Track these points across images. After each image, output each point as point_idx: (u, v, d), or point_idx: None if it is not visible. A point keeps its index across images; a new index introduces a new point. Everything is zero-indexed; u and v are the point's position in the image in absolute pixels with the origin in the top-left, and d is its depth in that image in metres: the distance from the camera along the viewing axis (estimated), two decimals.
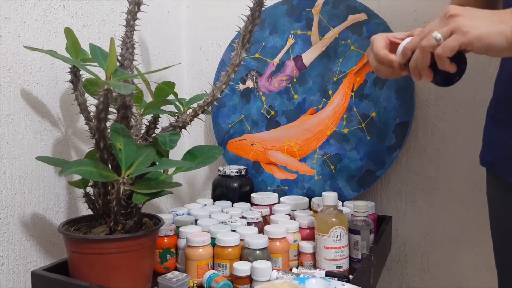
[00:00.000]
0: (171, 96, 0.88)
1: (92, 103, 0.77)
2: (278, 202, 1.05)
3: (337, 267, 0.83)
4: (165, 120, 1.01)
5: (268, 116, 1.20)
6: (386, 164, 1.06)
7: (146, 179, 0.75)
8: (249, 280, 0.76)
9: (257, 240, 0.79)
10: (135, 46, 0.83)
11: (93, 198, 0.79)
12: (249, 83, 1.22)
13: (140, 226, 0.79)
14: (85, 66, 0.71)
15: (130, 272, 0.72)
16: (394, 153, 1.05)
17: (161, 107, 0.86)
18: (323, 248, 0.84)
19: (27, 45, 0.85)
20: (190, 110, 0.85)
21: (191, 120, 0.84)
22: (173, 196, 1.32)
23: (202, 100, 0.85)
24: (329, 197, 0.85)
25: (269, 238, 0.82)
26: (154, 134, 0.85)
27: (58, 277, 0.72)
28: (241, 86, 1.23)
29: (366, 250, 0.87)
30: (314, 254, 0.87)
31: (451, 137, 1.07)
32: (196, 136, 1.36)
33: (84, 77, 0.84)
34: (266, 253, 0.80)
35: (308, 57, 1.15)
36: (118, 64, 0.77)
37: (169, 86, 0.86)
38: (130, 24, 0.80)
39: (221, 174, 1.12)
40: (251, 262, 0.77)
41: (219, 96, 0.84)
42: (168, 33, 1.29)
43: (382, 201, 1.15)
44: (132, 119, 0.79)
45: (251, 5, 0.83)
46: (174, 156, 0.87)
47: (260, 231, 0.89)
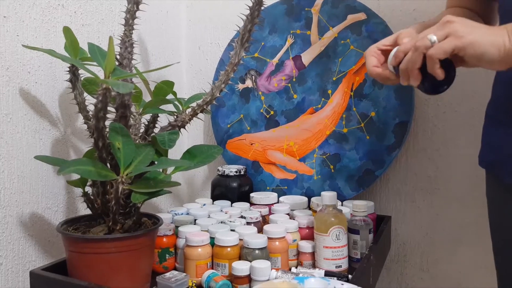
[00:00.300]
0: (170, 95, 0.88)
1: (91, 102, 0.77)
2: (277, 202, 1.05)
3: (336, 267, 0.83)
4: (164, 120, 1.00)
5: (267, 116, 1.20)
6: (386, 164, 1.06)
7: (145, 178, 0.74)
8: (248, 279, 0.75)
9: (256, 240, 0.79)
10: (134, 45, 0.82)
11: (91, 197, 0.79)
12: (248, 83, 1.22)
13: (139, 226, 0.79)
14: (84, 65, 0.71)
15: (128, 272, 0.72)
16: (394, 153, 1.05)
17: (160, 107, 0.86)
18: (322, 248, 0.84)
19: (26, 44, 0.85)
20: (189, 110, 0.85)
21: (190, 119, 0.84)
22: (172, 196, 1.32)
23: (201, 100, 0.85)
24: (328, 197, 0.85)
25: (268, 238, 0.82)
26: (153, 133, 0.85)
27: (57, 276, 0.71)
28: (240, 86, 1.23)
29: (365, 250, 0.87)
30: (313, 254, 0.87)
31: (451, 137, 1.07)
32: (195, 136, 1.36)
33: (83, 76, 0.84)
34: (265, 253, 0.80)
35: (307, 56, 1.14)
36: (117, 63, 0.77)
37: (168, 86, 0.86)
38: (129, 23, 0.80)
39: (220, 173, 1.12)
40: (250, 261, 0.76)
41: (218, 95, 0.83)
42: (167, 33, 1.29)
43: (381, 201, 1.14)
44: (131, 118, 0.79)
45: (250, 5, 0.83)
46: (173, 156, 0.87)
47: (259, 231, 0.89)
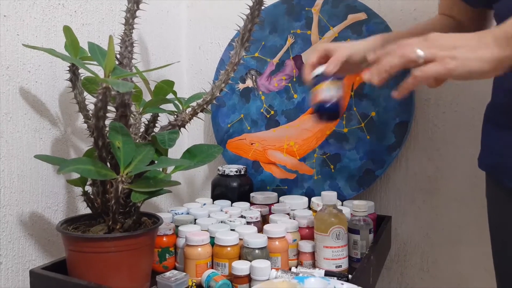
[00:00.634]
0: (170, 95, 0.88)
1: (91, 101, 0.76)
2: (278, 202, 1.05)
3: (336, 267, 0.83)
4: (164, 119, 1.00)
5: (268, 116, 1.20)
6: (386, 164, 1.06)
7: (145, 177, 0.74)
8: (248, 279, 0.75)
9: (256, 240, 0.79)
10: (134, 44, 0.82)
11: (91, 196, 0.79)
12: (249, 83, 1.22)
13: (139, 225, 0.79)
14: (84, 64, 0.71)
15: (128, 271, 0.72)
16: (394, 153, 1.05)
17: (160, 106, 0.86)
18: (323, 248, 0.83)
19: (26, 43, 0.85)
20: (189, 109, 0.85)
21: (190, 119, 0.84)
22: (172, 195, 1.32)
23: (201, 99, 0.85)
24: (329, 197, 0.85)
25: (268, 238, 0.81)
26: (153, 133, 0.85)
27: (57, 275, 0.71)
28: (241, 86, 1.23)
29: (366, 250, 0.87)
30: (313, 254, 0.87)
31: (451, 137, 1.07)
32: (195, 136, 1.36)
33: (83, 75, 0.84)
34: (265, 253, 0.80)
35: None
36: (117, 62, 0.77)
37: (168, 85, 0.86)
38: (129, 23, 0.80)
39: (220, 173, 1.12)
40: (250, 261, 0.76)
41: (218, 95, 0.83)
42: (167, 32, 1.28)
43: (381, 201, 1.14)
44: (131, 117, 0.79)
45: (250, 4, 0.83)
46: (173, 156, 0.86)
47: (259, 231, 0.88)
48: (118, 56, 0.80)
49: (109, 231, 0.75)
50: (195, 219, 0.93)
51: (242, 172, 1.11)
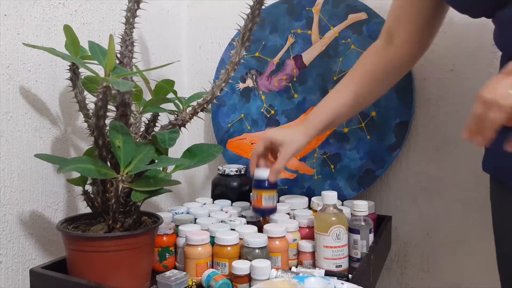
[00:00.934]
0: (171, 94, 0.88)
1: (91, 100, 0.76)
2: (278, 201, 1.05)
3: (336, 266, 0.83)
4: (165, 119, 1.00)
5: (268, 115, 1.20)
6: (386, 164, 1.06)
7: (145, 177, 0.74)
8: (248, 278, 0.75)
9: (256, 239, 0.79)
10: (134, 44, 0.82)
11: (92, 196, 0.79)
12: (249, 82, 1.22)
13: (139, 225, 0.79)
14: (85, 63, 0.71)
15: (128, 270, 0.72)
16: (394, 153, 1.05)
17: (161, 106, 0.86)
18: (323, 247, 0.83)
19: (26, 42, 0.85)
20: (189, 109, 0.85)
21: (190, 118, 0.84)
22: (172, 195, 1.32)
23: (202, 98, 0.84)
24: (329, 196, 0.85)
25: (268, 237, 0.81)
26: (153, 132, 0.85)
27: (57, 275, 0.71)
28: (241, 85, 1.23)
29: (366, 250, 0.87)
30: (313, 253, 0.86)
31: (451, 137, 1.07)
32: (195, 135, 1.36)
33: (83, 74, 0.84)
34: (265, 252, 0.80)
35: (308, 56, 1.14)
36: (117, 61, 0.77)
37: (168, 84, 0.86)
38: (130, 22, 0.80)
39: (220, 173, 1.12)
40: (250, 261, 0.76)
41: (218, 94, 0.83)
42: (168, 32, 1.28)
43: (382, 201, 1.14)
44: (131, 117, 0.79)
45: (251, 4, 0.83)
46: (173, 155, 0.86)
47: (260, 230, 0.88)
48: (118, 55, 0.80)
49: (109, 230, 0.74)
50: (195, 219, 0.93)
51: (243, 172, 1.11)
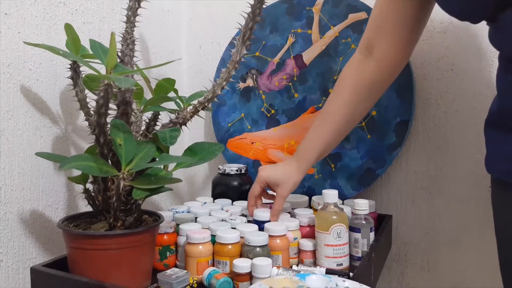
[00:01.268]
0: (172, 93, 0.88)
1: (92, 99, 0.76)
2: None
3: (337, 265, 0.83)
4: (165, 119, 1.00)
5: (268, 115, 1.20)
6: (387, 163, 1.06)
7: (146, 175, 0.74)
8: (249, 277, 0.75)
9: (257, 237, 0.79)
10: (135, 42, 0.82)
11: (92, 194, 0.79)
12: (249, 82, 1.22)
13: (140, 223, 0.78)
14: (86, 61, 0.71)
15: (129, 268, 0.72)
16: (394, 152, 1.05)
17: (161, 105, 0.86)
18: (324, 246, 0.83)
19: (27, 41, 0.85)
20: (190, 107, 0.85)
21: (191, 116, 0.84)
22: (173, 194, 1.32)
23: (203, 97, 0.84)
24: (330, 195, 0.85)
25: (269, 236, 0.81)
26: (154, 131, 0.85)
27: (58, 273, 0.71)
28: (241, 85, 1.23)
29: (367, 248, 0.87)
30: (314, 252, 0.86)
31: (451, 136, 1.07)
32: (196, 135, 1.36)
33: (84, 73, 0.84)
34: (266, 251, 0.79)
35: (309, 55, 1.15)
36: (118, 60, 0.77)
37: (169, 83, 0.86)
38: (131, 20, 0.80)
39: (221, 172, 1.12)
40: (251, 259, 0.76)
41: (219, 92, 0.83)
42: (168, 32, 1.29)
43: (382, 200, 1.14)
44: (132, 115, 0.79)
45: (252, 2, 0.83)
46: (173, 155, 0.86)
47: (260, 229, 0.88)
48: (119, 53, 0.80)
49: (110, 228, 0.74)
50: (196, 218, 0.93)
51: (243, 171, 1.11)
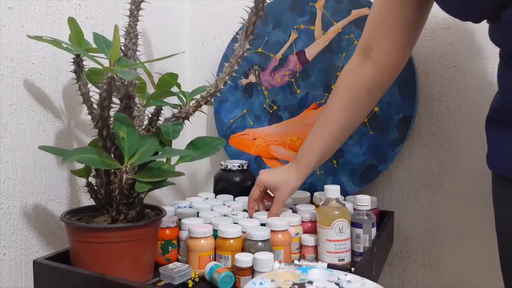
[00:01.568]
0: (174, 88, 0.88)
1: (95, 92, 0.77)
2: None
3: (339, 260, 0.83)
4: (168, 114, 1.00)
5: (271, 111, 1.20)
6: (389, 159, 1.06)
7: (148, 168, 0.74)
8: (251, 271, 0.75)
9: (259, 232, 0.79)
10: (138, 36, 0.82)
11: (95, 188, 0.79)
12: (252, 78, 1.22)
13: (142, 217, 0.79)
14: (89, 54, 0.71)
15: (131, 262, 0.72)
16: (397, 148, 1.05)
17: (164, 100, 0.86)
18: (325, 241, 0.83)
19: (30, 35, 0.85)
20: (193, 102, 0.85)
21: (194, 111, 0.84)
22: (175, 191, 1.32)
23: (205, 92, 0.84)
24: (332, 190, 0.85)
25: (271, 231, 0.81)
26: (156, 125, 0.85)
27: (60, 265, 0.71)
28: (244, 81, 1.23)
29: (368, 244, 0.87)
30: (316, 247, 0.86)
31: (454, 133, 1.07)
32: (198, 131, 1.36)
33: (87, 67, 0.84)
34: (268, 245, 0.79)
35: (311, 51, 1.14)
36: (121, 54, 0.77)
37: (172, 77, 0.86)
38: (134, 15, 0.80)
39: (223, 168, 1.12)
40: (253, 253, 0.76)
41: (222, 87, 0.83)
42: (170, 28, 1.29)
43: (384, 196, 1.14)
44: (135, 110, 0.79)
45: None
46: None
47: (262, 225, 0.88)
48: (122, 47, 0.80)
49: (113, 222, 0.75)
50: (198, 213, 0.93)
51: (245, 167, 1.11)
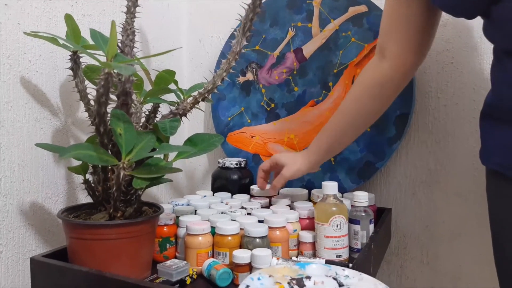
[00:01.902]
0: (172, 85, 0.87)
1: (92, 88, 0.76)
2: (278, 194, 1.05)
3: (337, 256, 0.83)
4: (165, 111, 1.00)
5: (268, 109, 1.20)
6: (386, 156, 1.06)
7: (146, 164, 0.74)
8: (249, 267, 0.75)
9: (257, 229, 0.79)
10: (135, 33, 0.82)
11: (92, 185, 0.79)
12: (249, 76, 1.22)
13: (140, 214, 0.79)
14: (86, 50, 0.71)
15: (129, 259, 0.72)
16: (394, 145, 1.05)
17: (162, 97, 0.86)
18: (323, 237, 0.83)
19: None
20: (190, 98, 0.85)
21: (191, 107, 0.84)
22: (172, 189, 1.32)
23: (203, 88, 0.84)
24: (329, 186, 0.85)
25: (269, 227, 0.81)
26: (154, 122, 0.85)
27: (58, 263, 0.71)
28: (241, 79, 1.23)
29: (366, 240, 0.87)
30: (313, 244, 0.86)
31: (451, 130, 1.07)
32: (196, 129, 1.36)
33: (84, 64, 0.84)
34: (266, 242, 0.79)
35: (309, 49, 1.15)
36: (118, 50, 0.77)
37: (169, 74, 0.86)
38: (131, 11, 0.80)
39: (220, 166, 1.12)
40: (251, 250, 0.76)
41: (219, 83, 0.83)
42: (168, 26, 1.28)
43: (381, 193, 1.14)
44: (132, 106, 0.79)
45: None
46: None
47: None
48: (119, 44, 0.80)
49: (110, 219, 0.74)
50: (196, 210, 0.93)
51: (243, 165, 1.11)
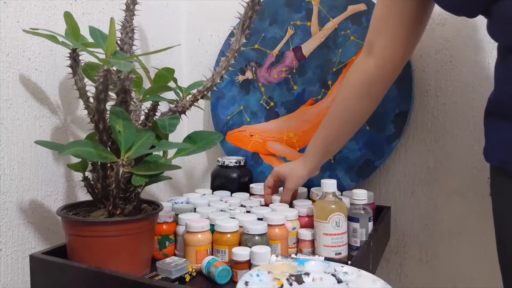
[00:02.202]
0: (171, 83, 0.88)
1: (91, 85, 0.76)
2: (277, 192, 1.05)
3: (336, 254, 0.83)
4: (164, 109, 1.00)
5: (267, 107, 1.20)
6: (385, 155, 1.06)
7: (145, 162, 0.74)
8: (248, 265, 0.75)
9: (256, 226, 0.79)
10: (134, 31, 0.82)
11: (92, 182, 0.79)
12: (248, 74, 1.22)
13: (139, 212, 0.79)
14: (85, 48, 0.71)
15: (128, 256, 0.72)
16: (393, 143, 1.05)
17: (161, 95, 0.86)
18: (322, 235, 0.83)
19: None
20: (189, 96, 0.85)
21: (190, 105, 0.84)
22: (172, 187, 1.32)
23: (202, 86, 0.84)
24: (328, 184, 0.85)
25: (268, 225, 0.81)
26: (153, 120, 0.85)
27: (57, 260, 0.71)
28: (240, 77, 1.23)
29: (365, 238, 0.87)
30: (313, 242, 0.87)
31: (450, 128, 1.07)
32: (195, 128, 1.36)
33: (84, 62, 0.84)
34: (265, 239, 0.80)
35: (308, 47, 1.15)
36: (117, 48, 0.77)
37: (168, 72, 0.86)
38: (130, 9, 0.80)
39: (220, 164, 1.12)
40: (250, 247, 0.76)
41: (219, 81, 0.83)
42: (167, 25, 1.28)
43: (381, 192, 1.14)
44: (131, 104, 0.79)
45: None
46: None
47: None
48: (118, 42, 0.80)
49: (109, 216, 0.74)
50: (195, 208, 0.93)
51: (242, 163, 1.11)
